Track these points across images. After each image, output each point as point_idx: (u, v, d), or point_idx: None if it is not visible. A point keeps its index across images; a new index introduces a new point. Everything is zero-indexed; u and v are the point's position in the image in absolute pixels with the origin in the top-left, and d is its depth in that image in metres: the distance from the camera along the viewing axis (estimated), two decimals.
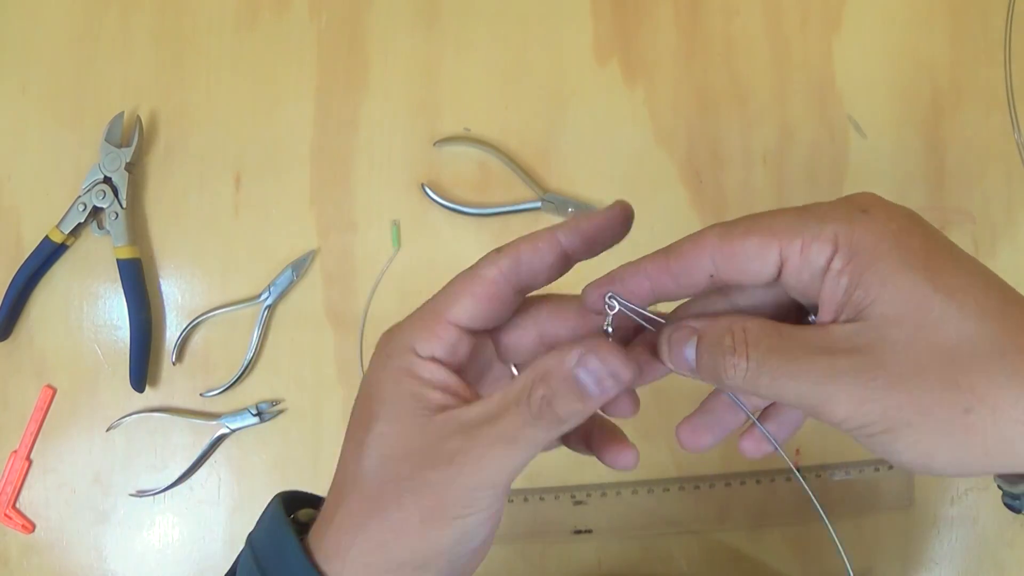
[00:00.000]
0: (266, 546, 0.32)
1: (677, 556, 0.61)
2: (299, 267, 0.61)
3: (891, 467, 0.60)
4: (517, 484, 0.60)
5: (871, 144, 0.62)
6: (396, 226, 0.62)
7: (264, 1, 0.63)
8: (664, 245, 0.30)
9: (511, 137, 0.62)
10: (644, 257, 0.31)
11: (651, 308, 0.32)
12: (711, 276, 0.29)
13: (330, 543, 0.30)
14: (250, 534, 0.33)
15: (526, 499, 0.60)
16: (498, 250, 0.31)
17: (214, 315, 0.61)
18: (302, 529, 0.32)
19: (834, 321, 0.27)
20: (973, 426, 0.25)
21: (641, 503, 0.60)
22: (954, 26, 0.62)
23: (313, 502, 0.35)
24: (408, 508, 0.29)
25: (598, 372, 0.28)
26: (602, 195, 0.61)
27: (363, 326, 0.61)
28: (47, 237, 0.60)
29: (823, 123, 0.62)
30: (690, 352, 0.30)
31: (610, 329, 0.31)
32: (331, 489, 0.32)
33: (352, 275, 0.62)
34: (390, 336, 0.32)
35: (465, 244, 0.62)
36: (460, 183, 0.62)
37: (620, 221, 0.31)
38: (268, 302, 0.61)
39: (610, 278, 0.31)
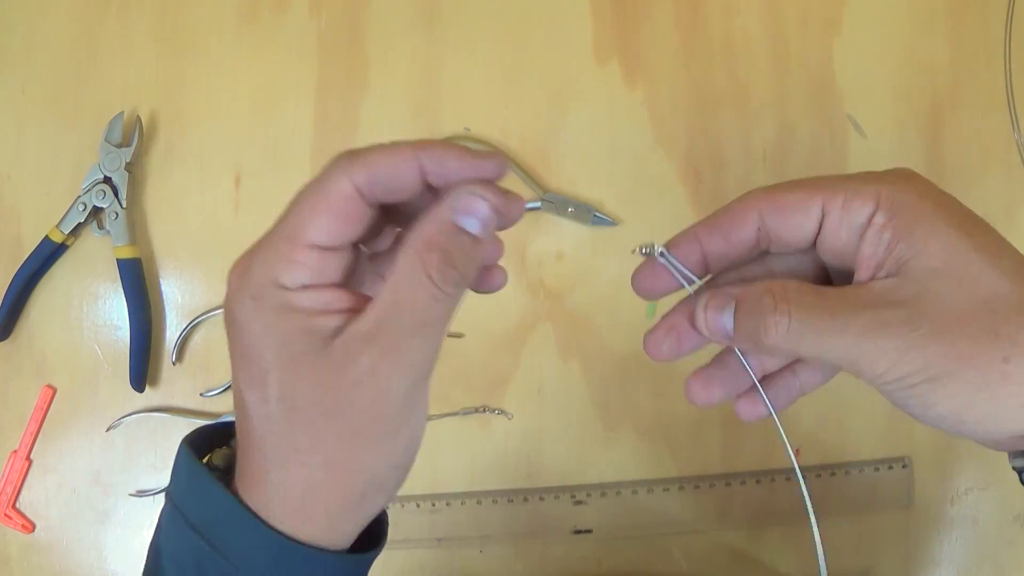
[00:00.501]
0: (207, 518, 0.29)
1: (677, 556, 0.61)
2: None
3: (891, 467, 0.60)
4: (517, 484, 0.60)
5: (871, 144, 0.62)
6: None
7: (264, 1, 0.63)
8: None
9: (511, 137, 0.62)
10: (694, 224, 0.32)
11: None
12: (758, 229, 0.30)
13: (285, 508, 0.28)
14: (170, 492, 0.31)
15: (526, 499, 0.60)
16: (350, 156, 0.28)
17: (214, 315, 0.61)
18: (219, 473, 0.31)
19: (872, 278, 0.28)
20: (1011, 375, 0.26)
21: (641, 503, 0.60)
22: (954, 26, 0.62)
23: (213, 436, 0.33)
24: (352, 441, 0.28)
25: (478, 210, 0.28)
26: (602, 195, 0.61)
27: None
28: (47, 237, 0.60)
29: (823, 123, 0.62)
30: (727, 318, 0.30)
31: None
32: (246, 452, 0.29)
33: None
34: (244, 270, 0.28)
35: None
36: None
37: (490, 176, 0.29)
38: None
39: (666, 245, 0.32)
